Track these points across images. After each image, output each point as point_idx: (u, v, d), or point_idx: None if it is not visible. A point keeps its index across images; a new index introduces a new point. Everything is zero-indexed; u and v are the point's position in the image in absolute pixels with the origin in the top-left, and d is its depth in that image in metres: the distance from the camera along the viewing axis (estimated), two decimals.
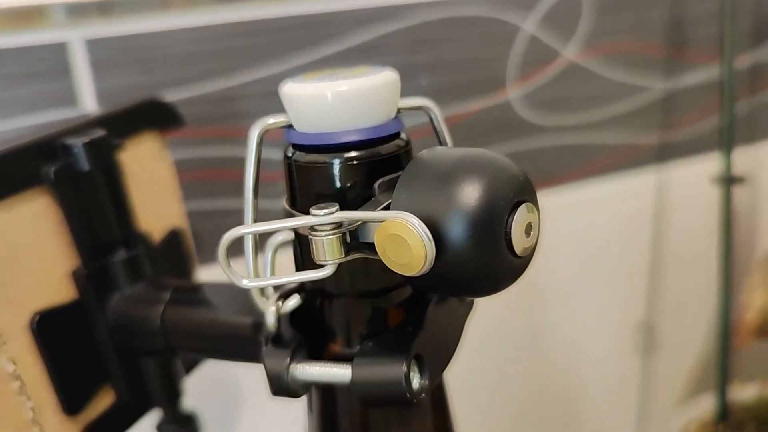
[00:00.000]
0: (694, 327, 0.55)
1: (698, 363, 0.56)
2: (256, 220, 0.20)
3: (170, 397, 0.27)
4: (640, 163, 0.49)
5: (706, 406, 0.52)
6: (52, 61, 0.32)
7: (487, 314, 0.23)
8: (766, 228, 0.56)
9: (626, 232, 0.50)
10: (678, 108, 0.49)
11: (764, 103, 0.53)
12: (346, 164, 0.19)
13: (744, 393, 0.51)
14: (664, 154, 0.50)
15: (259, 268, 0.20)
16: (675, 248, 0.52)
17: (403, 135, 0.20)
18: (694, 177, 0.51)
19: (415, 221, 0.16)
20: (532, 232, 0.17)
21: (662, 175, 0.50)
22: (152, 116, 0.28)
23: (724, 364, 0.49)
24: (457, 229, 0.16)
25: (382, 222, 0.17)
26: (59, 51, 0.32)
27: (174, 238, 0.29)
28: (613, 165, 0.48)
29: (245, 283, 0.19)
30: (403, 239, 0.16)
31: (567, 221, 0.48)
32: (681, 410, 0.54)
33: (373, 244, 0.17)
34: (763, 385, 0.51)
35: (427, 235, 0.16)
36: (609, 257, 0.50)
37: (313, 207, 0.18)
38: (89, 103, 0.33)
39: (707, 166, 0.50)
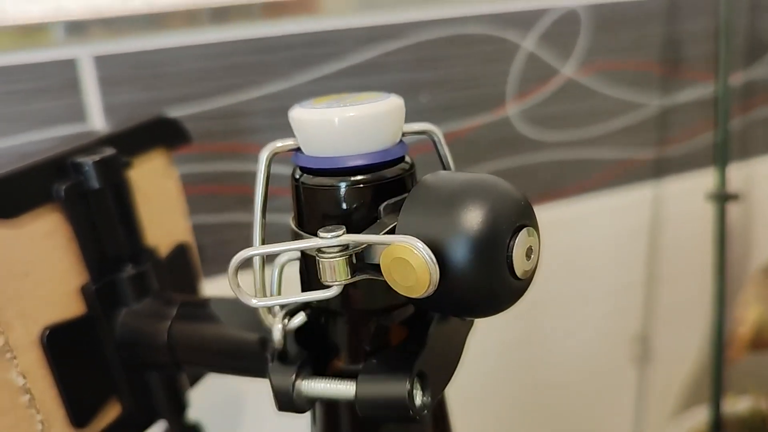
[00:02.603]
0: (689, 340, 0.56)
1: (692, 375, 0.57)
2: (264, 239, 0.20)
3: (175, 409, 0.27)
4: (636, 178, 0.50)
5: (700, 417, 0.52)
6: (61, 77, 0.32)
7: (485, 326, 0.24)
8: (760, 243, 0.57)
9: (622, 246, 0.51)
10: (673, 124, 0.50)
11: (757, 120, 0.54)
12: (352, 187, 0.19)
13: (737, 405, 0.52)
14: (660, 169, 0.51)
15: (266, 284, 0.21)
16: (670, 262, 0.53)
17: (407, 158, 0.21)
18: (689, 192, 0.51)
19: (420, 245, 0.17)
20: (532, 256, 0.18)
21: (658, 190, 0.51)
22: (161, 134, 0.29)
23: (718, 376, 0.50)
24: (460, 253, 0.17)
25: (387, 245, 0.17)
26: (68, 67, 0.33)
27: (180, 252, 0.30)
28: (610, 180, 0.49)
29: (254, 302, 0.19)
30: (408, 262, 0.17)
31: (564, 235, 0.48)
32: (675, 422, 0.54)
33: (378, 266, 0.18)
34: (757, 398, 0.52)
35: (431, 258, 0.17)
36: (605, 270, 0.51)
37: (321, 230, 0.18)
38: (97, 119, 0.34)
39: (702, 181, 0.51)
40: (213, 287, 0.35)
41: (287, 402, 0.21)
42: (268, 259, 0.20)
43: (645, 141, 0.50)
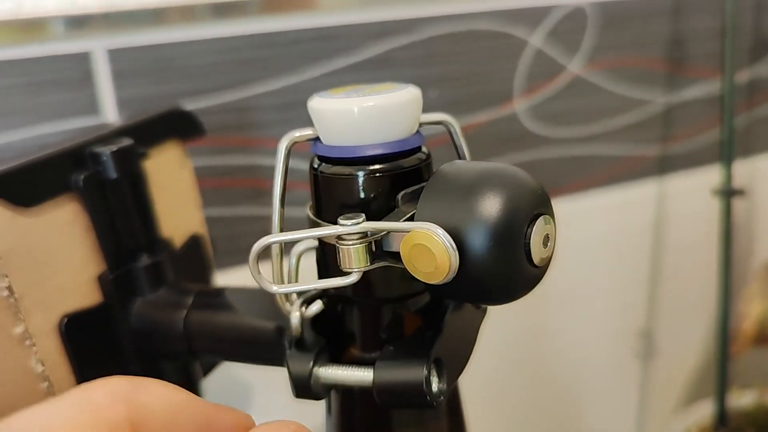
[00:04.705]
0: (693, 335, 0.56)
1: (697, 370, 0.57)
2: (282, 228, 0.20)
3: None
4: (641, 174, 0.50)
5: (704, 412, 0.53)
6: (76, 70, 0.33)
7: (490, 321, 0.24)
8: (764, 239, 0.57)
9: (627, 242, 0.51)
10: (679, 121, 0.51)
11: (762, 117, 0.54)
12: (370, 176, 0.20)
13: (742, 399, 0.52)
14: (665, 166, 0.51)
15: (284, 273, 0.21)
16: (675, 258, 0.53)
17: (424, 149, 0.21)
18: (694, 188, 0.52)
19: (440, 231, 0.17)
20: (549, 243, 0.18)
21: (663, 186, 0.51)
22: (175, 125, 0.29)
23: (722, 370, 0.50)
24: (479, 240, 0.17)
25: (407, 232, 0.18)
26: (82, 61, 0.33)
27: (194, 243, 0.30)
28: (615, 176, 0.49)
29: (274, 288, 0.19)
30: (429, 249, 0.17)
31: (570, 230, 0.49)
32: (680, 416, 0.54)
33: (396, 253, 0.18)
34: (761, 392, 0.52)
35: (451, 245, 0.17)
36: (610, 266, 0.51)
37: (341, 217, 0.18)
38: (110, 112, 0.34)
39: (706, 177, 0.51)
40: (224, 280, 0.35)
41: (304, 388, 0.21)
42: (285, 249, 0.21)
43: (650, 138, 0.50)
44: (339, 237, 0.18)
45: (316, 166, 0.21)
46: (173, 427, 0.14)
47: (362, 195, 0.20)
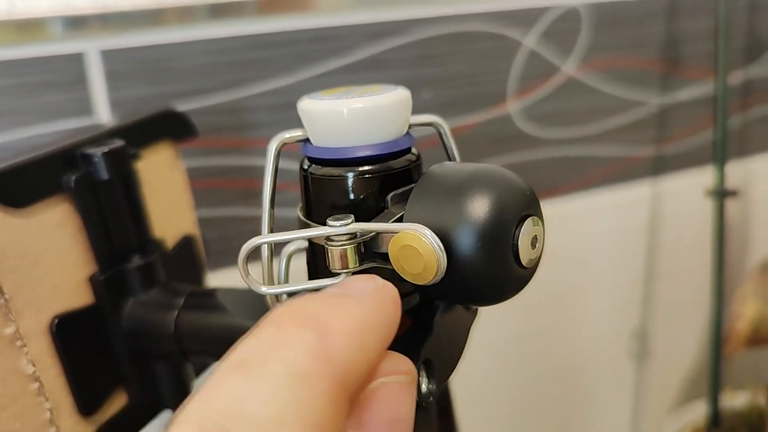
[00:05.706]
0: (687, 335, 0.56)
1: (691, 370, 0.57)
2: (272, 228, 0.20)
3: (181, 398, 0.28)
4: (635, 175, 0.51)
5: (698, 412, 0.53)
6: (69, 71, 0.33)
7: (485, 322, 0.24)
8: (757, 240, 0.57)
9: (622, 243, 0.51)
10: (673, 122, 0.51)
11: (755, 118, 0.54)
12: (360, 177, 0.20)
13: (735, 400, 0.52)
14: (659, 166, 0.51)
15: (274, 273, 0.21)
16: (669, 258, 0.53)
17: (413, 150, 0.21)
18: (688, 189, 0.52)
19: (428, 233, 0.17)
20: (537, 244, 0.18)
21: (657, 187, 0.51)
22: (168, 127, 0.29)
23: (716, 371, 0.50)
24: (467, 241, 0.17)
25: (396, 233, 0.18)
26: (75, 62, 0.33)
27: (186, 244, 0.30)
28: (609, 177, 0.49)
29: (263, 289, 0.19)
30: (417, 250, 0.17)
31: (564, 231, 0.49)
32: (674, 416, 0.55)
33: (385, 254, 0.18)
34: (755, 393, 0.52)
35: (439, 246, 0.17)
36: (605, 267, 0.51)
37: (330, 218, 0.18)
38: (103, 113, 0.34)
39: (700, 178, 0.52)
40: (217, 280, 0.35)
41: None
42: (276, 250, 0.21)
43: (644, 138, 0.50)
44: (328, 238, 0.18)
45: (305, 167, 0.21)
46: (366, 350, 0.13)
47: (352, 196, 0.20)
